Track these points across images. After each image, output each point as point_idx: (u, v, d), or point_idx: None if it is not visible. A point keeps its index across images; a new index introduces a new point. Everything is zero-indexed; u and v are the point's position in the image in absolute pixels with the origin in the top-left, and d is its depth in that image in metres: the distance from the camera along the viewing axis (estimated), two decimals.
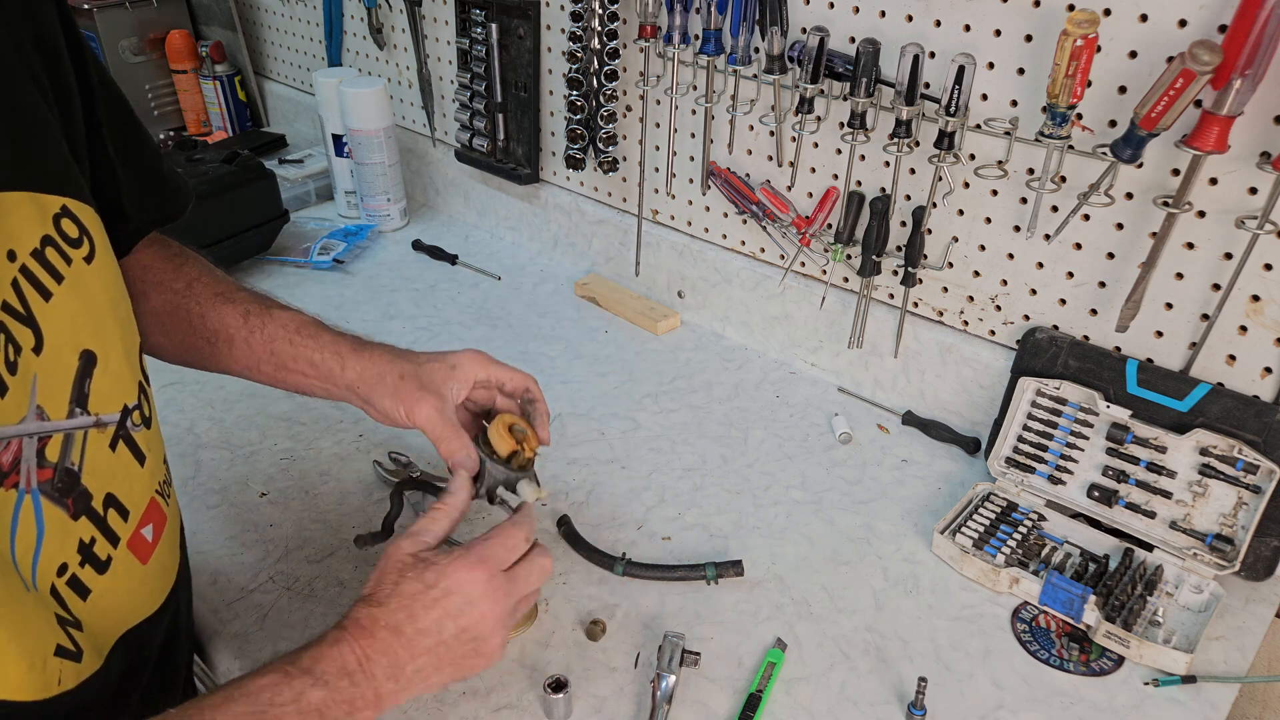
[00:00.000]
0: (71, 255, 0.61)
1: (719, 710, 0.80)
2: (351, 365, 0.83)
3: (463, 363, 0.84)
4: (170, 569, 0.73)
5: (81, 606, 0.62)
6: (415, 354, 0.85)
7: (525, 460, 0.83)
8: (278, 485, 1.07)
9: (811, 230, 1.18)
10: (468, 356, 0.85)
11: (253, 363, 0.85)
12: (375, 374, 0.82)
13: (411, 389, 0.81)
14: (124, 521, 0.65)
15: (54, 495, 0.59)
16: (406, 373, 0.82)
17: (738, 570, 0.92)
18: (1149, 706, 0.80)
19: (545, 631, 0.87)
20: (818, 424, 1.17)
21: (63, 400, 0.60)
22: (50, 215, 0.59)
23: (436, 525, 0.73)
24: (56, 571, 0.59)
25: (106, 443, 0.64)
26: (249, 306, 0.85)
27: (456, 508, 0.75)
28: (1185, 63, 0.75)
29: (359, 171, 1.65)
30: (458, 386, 0.83)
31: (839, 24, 1.07)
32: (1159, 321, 0.96)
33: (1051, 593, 0.88)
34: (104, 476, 0.63)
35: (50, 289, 0.59)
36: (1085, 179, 0.93)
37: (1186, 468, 0.92)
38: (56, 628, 0.59)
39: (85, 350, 0.62)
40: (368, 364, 0.83)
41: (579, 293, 1.47)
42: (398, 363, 0.83)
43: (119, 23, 1.97)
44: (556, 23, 1.38)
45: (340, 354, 0.83)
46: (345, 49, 1.84)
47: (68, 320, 0.60)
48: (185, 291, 0.84)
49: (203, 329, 0.84)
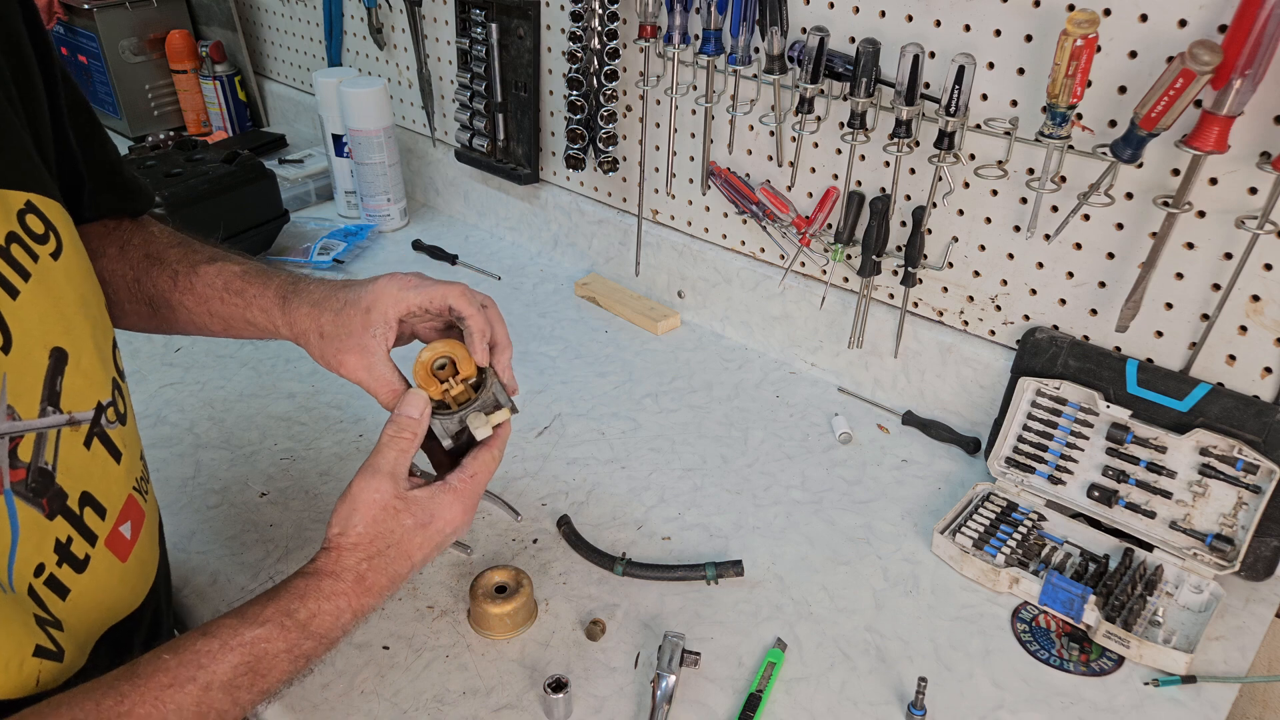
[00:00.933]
0: (38, 252, 0.60)
1: (719, 710, 0.80)
2: (281, 323, 0.79)
3: (378, 300, 0.76)
4: (150, 565, 0.73)
5: (61, 606, 0.61)
6: (335, 293, 0.78)
7: (462, 395, 0.77)
8: (278, 485, 1.07)
9: (811, 230, 1.18)
10: (383, 290, 0.76)
11: (200, 323, 0.82)
12: (301, 331, 0.78)
13: (333, 348, 0.76)
14: (101, 520, 0.65)
15: (28, 495, 0.59)
16: (325, 329, 0.76)
17: (738, 570, 0.92)
18: (1149, 706, 0.80)
19: (545, 631, 0.87)
20: (818, 424, 1.17)
21: (34, 399, 0.59)
22: (14, 211, 0.59)
23: (405, 459, 0.72)
24: (34, 572, 0.59)
25: (81, 441, 0.63)
26: (176, 267, 0.81)
27: (414, 433, 0.73)
28: (1185, 63, 0.75)
29: (359, 171, 1.65)
30: (379, 331, 0.76)
31: (839, 24, 1.07)
32: (1159, 321, 0.96)
33: (1051, 593, 0.88)
34: (79, 475, 0.63)
35: (17, 286, 0.58)
36: (1085, 179, 0.93)
37: (1186, 468, 0.92)
38: (35, 628, 0.58)
39: (56, 348, 0.61)
40: (294, 322, 0.78)
41: (579, 293, 1.47)
42: (317, 316, 0.77)
43: (119, 23, 1.97)
44: (556, 23, 1.38)
45: (268, 311, 0.79)
46: (345, 49, 1.84)
47: (36, 318, 0.59)
48: (119, 256, 0.82)
49: (139, 293, 0.81)
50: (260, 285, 0.79)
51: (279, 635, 0.62)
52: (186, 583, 0.93)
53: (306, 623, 0.64)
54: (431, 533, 0.71)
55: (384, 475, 0.70)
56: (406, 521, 0.70)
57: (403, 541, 0.70)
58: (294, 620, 0.63)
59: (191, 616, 0.90)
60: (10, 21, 0.63)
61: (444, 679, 0.82)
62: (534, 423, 1.17)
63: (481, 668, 0.84)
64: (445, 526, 0.72)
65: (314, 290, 0.79)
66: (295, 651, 0.63)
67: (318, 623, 0.64)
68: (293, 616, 0.63)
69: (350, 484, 0.70)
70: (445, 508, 0.72)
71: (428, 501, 0.71)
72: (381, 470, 0.70)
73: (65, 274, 0.63)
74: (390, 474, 0.70)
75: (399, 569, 0.70)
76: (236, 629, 0.62)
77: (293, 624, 0.63)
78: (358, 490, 0.70)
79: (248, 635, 0.61)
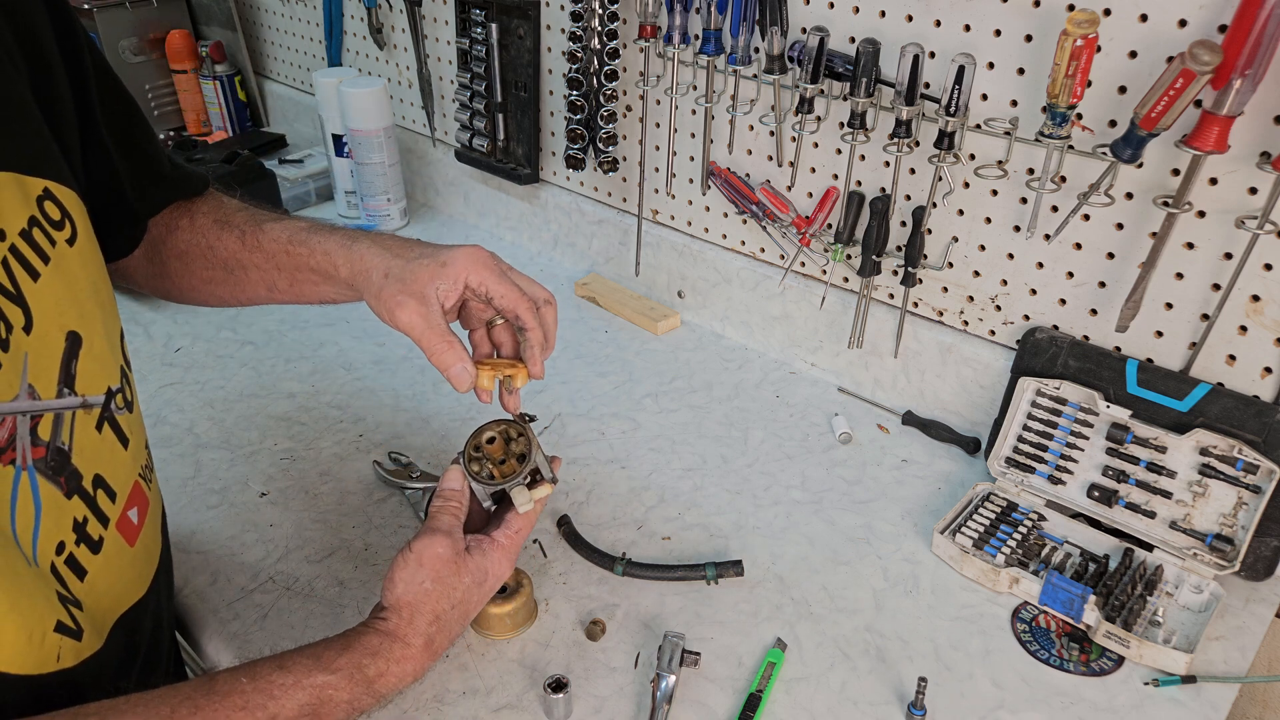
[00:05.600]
0: (55, 237, 0.61)
1: (719, 710, 0.80)
2: (343, 263, 0.78)
3: (455, 259, 0.75)
4: (154, 553, 0.74)
5: (80, 586, 0.62)
6: (410, 247, 0.78)
7: (508, 468, 0.82)
8: (278, 485, 1.07)
9: (811, 230, 1.18)
10: (464, 254, 0.76)
11: (270, 281, 0.83)
12: (363, 269, 0.77)
13: (394, 289, 0.74)
14: (111, 503, 0.66)
15: (48, 473, 0.60)
16: (392, 270, 0.75)
17: (738, 570, 0.92)
18: (1149, 706, 0.80)
19: (545, 631, 0.87)
20: (818, 424, 1.17)
21: (51, 380, 0.60)
22: (34, 197, 0.60)
23: (457, 522, 0.77)
24: (55, 550, 0.60)
25: (93, 424, 0.64)
26: (243, 228, 0.83)
27: (460, 503, 0.79)
28: (1185, 63, 0.75)
29: (359, 171, 1.65)
30: (444, 287, 0.74)
31: (839, 24, 1.07)
32: (1159, 321, 0.96)
33: (1051, 593, 0.88)
34: (91, 457, 0.64)
35: (38, 269, 0.59)
36: (1085, 179, 0.93)
37: (1186, 468, 0.92)
38: (57, 604, 0.59)
39: (71, 331, 0.62)
40: (356, 259, 0.77)
41: (579, 293, 1.47)
42: (385, 258, 0.76)
43: (119, 23, 1.97)
44: (556, 23, 1.38)
45: (330, 253, 0.79)
46: (345, 49, 1.84)
47: (54, 301, 0.60)
48: (190, 227, 0.85)
49: (214, 259, 0.84)
50: (325, 234, 0.80)
51: (346, 686, 0.66)
52: (187, 582, 0.93)
53: (373, 680, 0.68)
54: (486, 590, 0.77)
55: (443, 535, 0.75)
56: (466, 580, 0.74)
57: (464, 600, 0.75)
58: (363, 675, 0.67)
59: (192, 616, 0.90)
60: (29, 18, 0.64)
61: (444, 679, 0.82)
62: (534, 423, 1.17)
63: (481, 668, 0.84)
64: (495, 582, 0.78)
65: (385, 239, 0.79)
66: (355, 704, 0.67)
67: (383, 682, 0.69)
68: (363, 671, 0.68)
69: (410, 544, 0.74)
70: (496, 564, 0.77)
71: (482, 560, 0.76)
72: (440, 530, 0.75)
73: (80, 261, 0.64)
74: (448, 534, 0.75)
75: (457, 630, 0.76)
76: (310, 670, 0.65)
77: (361, 678, 0.67)
78: (421, 548, 0.73)
79: (319, 679, 0.65)
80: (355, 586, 0.92)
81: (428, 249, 0.77)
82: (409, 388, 1.24)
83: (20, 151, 0.59)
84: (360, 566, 0.95)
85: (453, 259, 0.75)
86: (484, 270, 0.76)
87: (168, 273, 0.86)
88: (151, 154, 0.80)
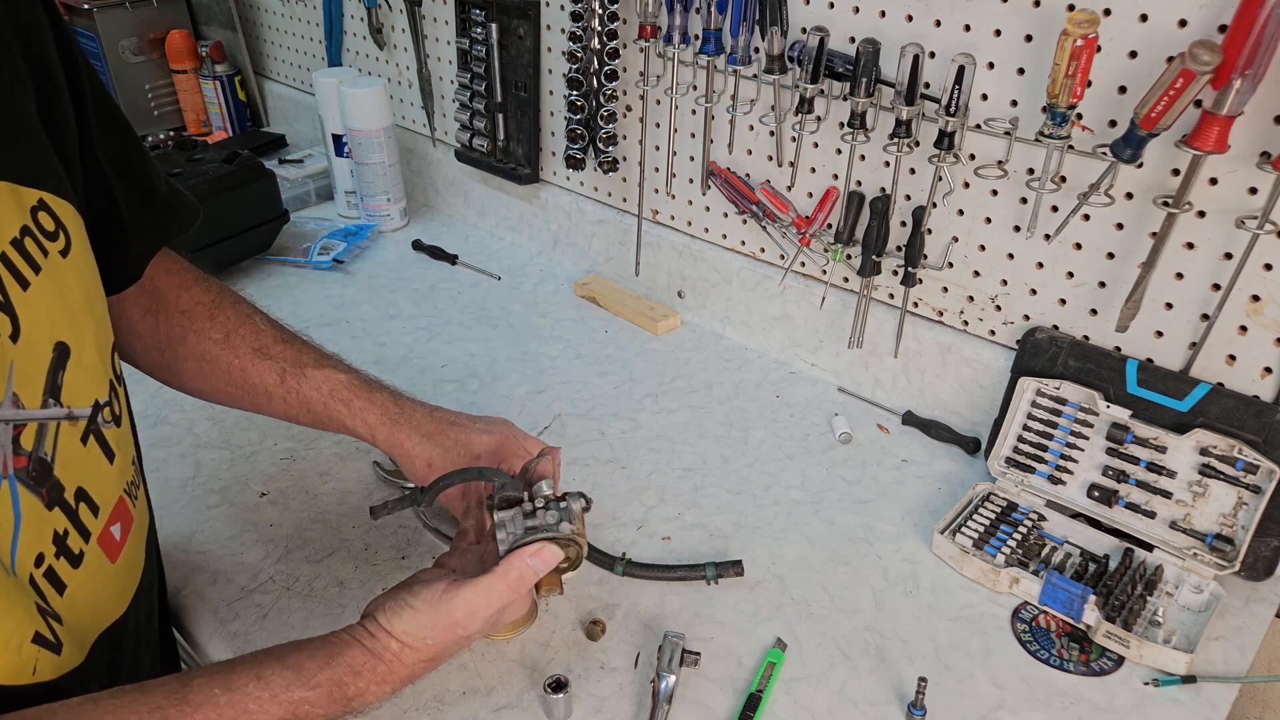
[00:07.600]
0: (48, 248, 0.61)
1: (719, 710, 0.80)
2: (382, 439, 0.87)
3: (485, 452, 0.86)
4: (137, 570, 0.73)
5: (59, 601, 0.62)
6: (446, 434, 0.86)
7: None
8: (278, 485, 1.07)
9: (811, 230, 1.18)
10: (491, 449, 0.86)
11: (290, 416, 0.89)
12: (406, 455, 0.86)
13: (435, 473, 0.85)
14: (94, 517, 0.65)
15: (29, 483, 0.59)
16: (435, 462, 0.85)
17: (738, 570, 0.92)
18: (1149, 706, 0.80)
19: (545, 631, 0.87)
20: (818, 424, 1.17)
21: (37, 390, 0.60)
22: (28, 207, 0.60)
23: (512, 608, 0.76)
24: (35, 562, 0.60)
25: (78, 436, 0.64)
26: (285, 366, 0.87)
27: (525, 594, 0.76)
28: (1185, 63, 0.75)
29: (359, 171, 1.65)
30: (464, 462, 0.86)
31: (839, 24, 1.07)
32: (1159, 321, 0.96)
33: (1051, 593, 0.88)
34: (75, 470, 0.63)
35: (28, 278, 0.59)
36: (1085, 179, 0.93)
37: (1186, 468, 0.92)
38: (36, 615, 0.59)
39: (59, 342, 0.62)
40: (396, 444, 0.86)
41: (579, 293, 1.47)
42: (428, 449, 0.86)
43: (119, 23, 1.97)
44: (556, 23, 1.38)
45: (370, 426, 0.87)
46: (345, 49, 1.84)
47: (44, 311, 0.60)
48: (224, 342, 0.87)
49: (242, 382, 0.87)
50: (365, 400, 0.87)
51: (324, 703, 0.65)
52: (186, 582, 0.93)
53: (352, 699, 0.67)
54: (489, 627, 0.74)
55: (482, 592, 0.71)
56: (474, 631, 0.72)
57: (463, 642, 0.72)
58: (342, 694, 0.66)
59: (192, 616, 0.90)
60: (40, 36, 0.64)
61: (444, 679, 0.82)
62: (534, 422, 1.17)
63: (481, 668, 0.84)
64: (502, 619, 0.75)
65: (423, 422, 0.87)
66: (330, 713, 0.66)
67: (360, 701, 0.68)
68: (343, 690, 0.66)
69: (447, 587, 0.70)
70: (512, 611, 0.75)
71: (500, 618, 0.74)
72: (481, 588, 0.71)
73: (73, 272, 0.64)
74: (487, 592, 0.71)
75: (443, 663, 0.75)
76: (289, 685, 0.64)
77: (340, 696, 0.66)
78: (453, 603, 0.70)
79: (297, 695, 0.64)
80: (355, 586, 0.92)
81: (462, 434, 0.87)
82: (409, 388, 1.23)
83: (18, 162, 0.59)
84: (360, 566, 0.95)
85: (484, 453, 0.86)
86: (513, 460, 0.85)
87: (181, 369, 0.88)
88: (145, 175, 0.80)
